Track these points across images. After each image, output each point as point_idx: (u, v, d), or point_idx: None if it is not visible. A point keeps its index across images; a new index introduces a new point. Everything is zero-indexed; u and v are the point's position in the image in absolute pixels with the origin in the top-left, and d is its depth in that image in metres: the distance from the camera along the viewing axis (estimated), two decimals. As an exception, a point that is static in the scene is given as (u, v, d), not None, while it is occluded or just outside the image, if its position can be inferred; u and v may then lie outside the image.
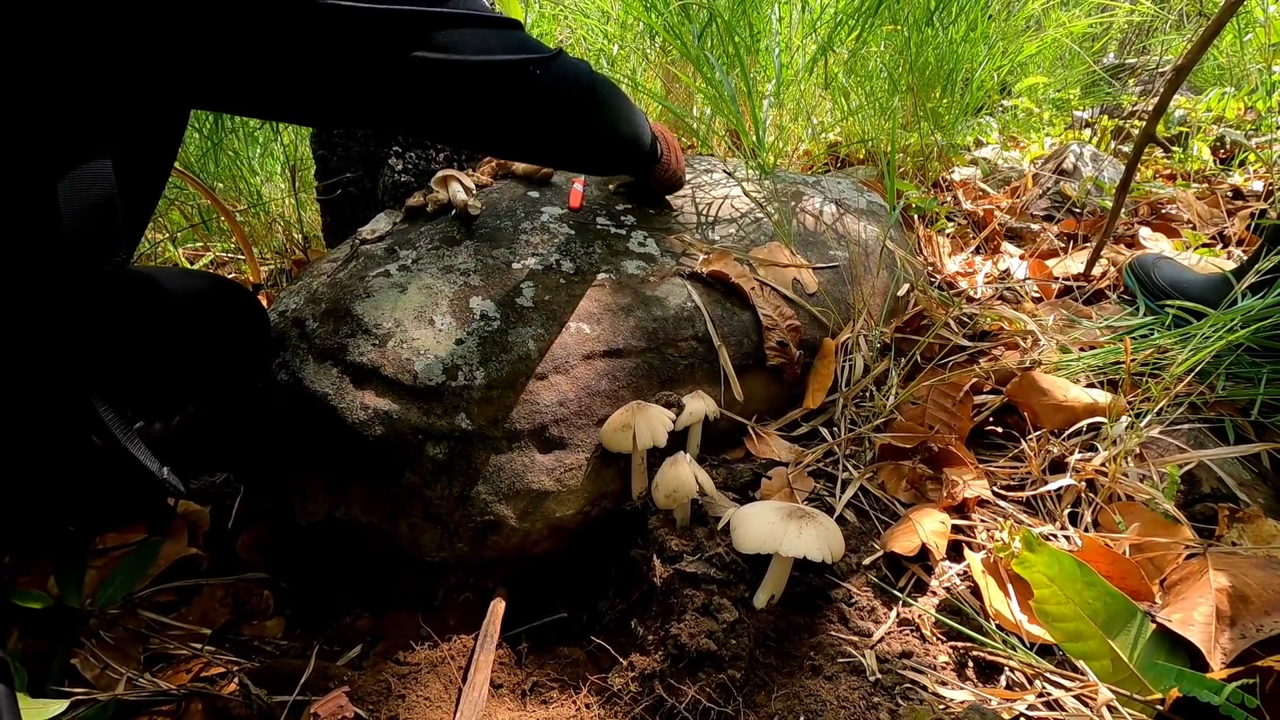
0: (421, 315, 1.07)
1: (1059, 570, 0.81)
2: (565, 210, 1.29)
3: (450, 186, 1.29)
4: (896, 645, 0.85)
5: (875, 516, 1.04)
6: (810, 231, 1.41)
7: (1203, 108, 2.64)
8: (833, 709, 0.77)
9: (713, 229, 1.34)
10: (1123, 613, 0.77)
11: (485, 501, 1.01)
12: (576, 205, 1.29)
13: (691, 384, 1.15)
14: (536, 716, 0.89)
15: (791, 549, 0.85)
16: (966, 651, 0.83)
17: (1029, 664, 0.78)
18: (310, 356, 1.06)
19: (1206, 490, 0.96)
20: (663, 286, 1.19)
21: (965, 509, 0.97)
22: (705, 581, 0.94)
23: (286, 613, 1.09)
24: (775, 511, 0.90)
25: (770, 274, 1.27)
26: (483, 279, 1.13)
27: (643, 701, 0.86)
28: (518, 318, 1.09)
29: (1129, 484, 0.96)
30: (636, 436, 1.03)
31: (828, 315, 1.27)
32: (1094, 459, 1.00)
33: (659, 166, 1.20)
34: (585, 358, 1.09)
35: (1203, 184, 2.12)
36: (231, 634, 1.04)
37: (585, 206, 1.30)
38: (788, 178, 1.58)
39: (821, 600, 0.93)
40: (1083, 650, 0.77)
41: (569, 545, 1.07)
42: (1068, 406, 1.04)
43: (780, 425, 1.23)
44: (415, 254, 1.17)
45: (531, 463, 1.03)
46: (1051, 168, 2.26)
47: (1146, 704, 0.69)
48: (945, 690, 0.77)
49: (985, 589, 0.86)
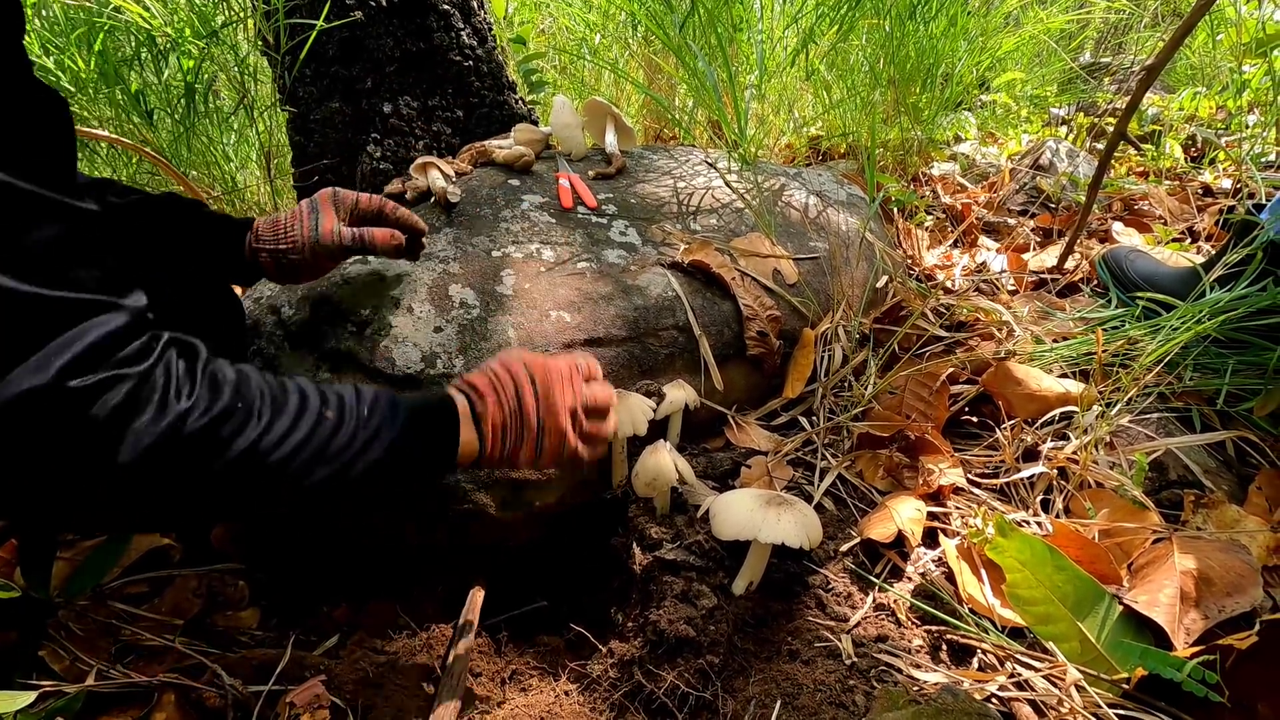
0: (400, 303, 1.06)
1: (1030, 555, 0.82)
2: (546, 199, 1.28)
3: (430, 173, 1.28)
4: (872, 630, 0.86)
5: (852, 504, 1.06)
6: (791, 223, 1.41)
7: (1175, 106, 2.69)
8: (809, 692, 0.78)
9: (694, 219, 1.34)
10: (1091, 595, 0.78)
11: (465, 491, 1.00)
12: (569, 205, 1.27)
13: (672, 373, 1.15)
14: (516, 704, 0.89)
15: (770, 535, 0.86)
16: (940, 635, 0.84)
17: (1001, 646, 0.80)
18: (286, 344, 1.04)
19: (1174, 477, 0.98)
20: (644, 276, 1.19)
21: (941, 496, 0.99)
22: (684, 569, 0.95)
23: (262, 603, 1.08)
24: (754, 499, 0.91)
25: (751, 264, 1.27)
26: (462, 266, 1.12)
27: (621, 687, 0.86)
28: (498, 305, 1.08)
29: (1099, 471, 0.99)
30: (618, 425, 1.03)
31: (808, 306, 1.28)
32: (1066, 447, 1.02)
33: (487, 458, 0.76)
34: (565, 346, 1.08)
35: (1174, 181, 2.17)
36: (205, 625, 1.02)
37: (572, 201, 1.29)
38: (769, 169, 1.59)
39: (799, 586, 0.94)
40: (1052, 632, 0.78)
41: (549, 534, 1.07)
42: (1040, 396, 1.06)
43: (760, 415, 1.24)
44: (394, 241, 1.16)
45: (511, 451, 1.02)
46: (1028, 163, 2.30)
47: (1113, 683, 0.71)
48: (919, 673, 0.79)
49: (959, 574, 0.87)
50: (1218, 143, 2.31)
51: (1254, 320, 1.10)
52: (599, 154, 1.48)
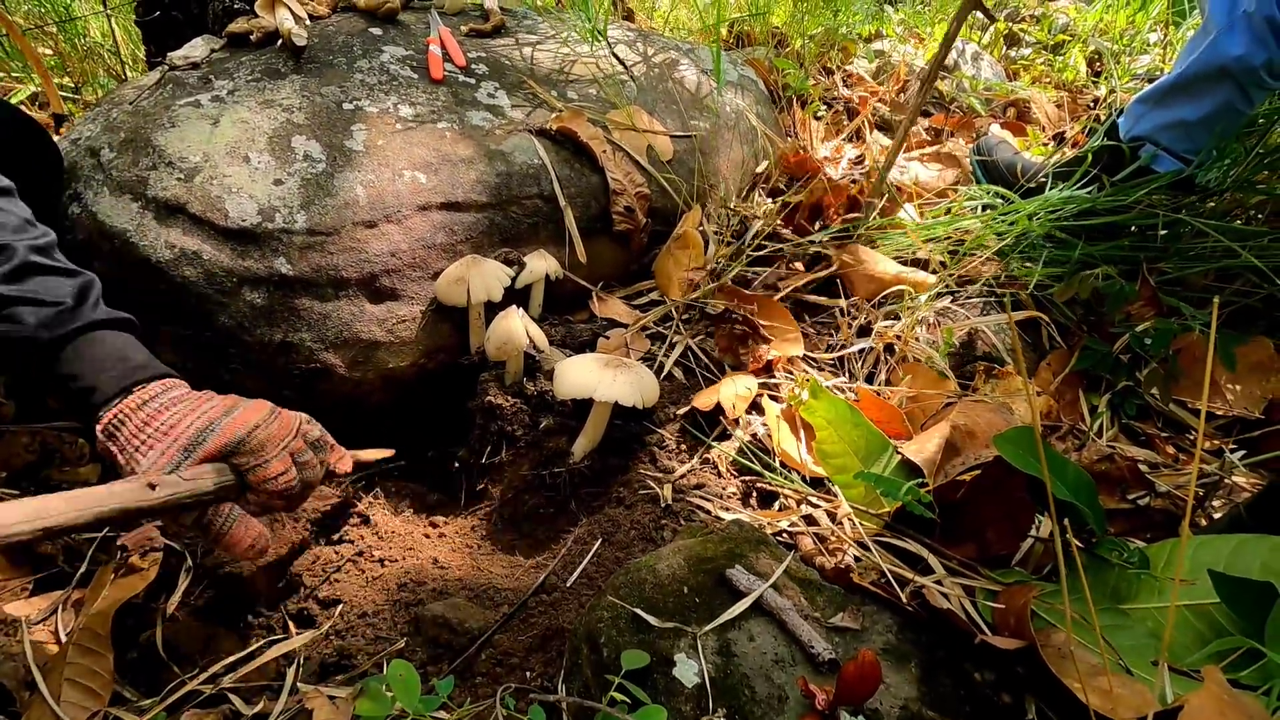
0: (235, 151, 0.99)
1: (835, 414, 0.91)
2: (410, 52, 1.20)
3: (278, 12, 1.16)
4: (694, 480, 0.94)
5: (700, 374, 1.12)
6: (674, 99, 1.38)
7: (1085, 18, 2.72)
8: (625, 530, 0.86)
9: (573, 87, 1.28)
10: (878, 448, 0.88)
11: (311, 349, 0.99)
12: (439, 77, 1.17)
13: (536, 243, 1.15)
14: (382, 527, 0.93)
15: (605, 394, 0.90)
16: (752, 484, 0.93)
17: (798, 491, 0.89)
18: (105, 189, 0.97)
19: (980, 353, 1.08)
20: (509, 141, 1.15)
21: (772, 368, 1.05)
22: (532, 428, 1.00)
23: (104, 461, 1.06)
24: (594, 361, 0.95)
25: (625, 138, 1.25)
26: (308, 117, 1.05)
27: (468, 535, 0.92)
28: (346, 161, 1.03)
29: (919, 348, 1.08)
30: (471, 290, 1.03)
31: (678, 187, 1.27)
32: (895, 326, 1.10)
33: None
34: (420, 208, 1.05)
35: (1065, 92, 2.24)
36: (41, 479, 1.00)
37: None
38: (661, 42, 1.53)
39: (637, 445, 1.00)
40: (844, 480, 0.88)
41: (405, 396, 1.09)
42: (878, 277, 1.13)
43: (625, 293, 1.26)
44: (232, 85, 1.07)
45: (361, 312, 1.01)
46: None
47: (877, 516, 0.81)
48: (725, 514, 0.87)
49: (776, 432, 0.95)
50: (1111, 55, 2.37)
51: (1079, 221, 1.19)
52: (476, 9, 1.38)
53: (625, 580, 0.70)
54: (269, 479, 0.70)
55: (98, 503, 0.62)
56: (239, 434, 0.69)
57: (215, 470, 0.69)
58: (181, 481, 0.66)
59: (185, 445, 0.68)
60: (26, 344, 0.69)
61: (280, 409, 0.74)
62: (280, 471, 0.71)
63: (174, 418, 0.69)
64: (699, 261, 1.23)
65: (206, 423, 0.69)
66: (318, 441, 0.78)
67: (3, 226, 0.72)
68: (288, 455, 0.72)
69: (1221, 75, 1.14)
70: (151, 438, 0.68)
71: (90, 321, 0.71)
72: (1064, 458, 0.73)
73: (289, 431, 0.73)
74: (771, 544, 0.76)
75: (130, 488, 0.64)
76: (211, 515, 0.70)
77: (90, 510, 0.62)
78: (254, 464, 0.69)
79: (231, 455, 0.69)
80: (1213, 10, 1.13)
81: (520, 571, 0.88)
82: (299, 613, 0.85)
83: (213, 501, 0.69)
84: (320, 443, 0.78)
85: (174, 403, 0.70)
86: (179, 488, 0.66)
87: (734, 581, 0.69)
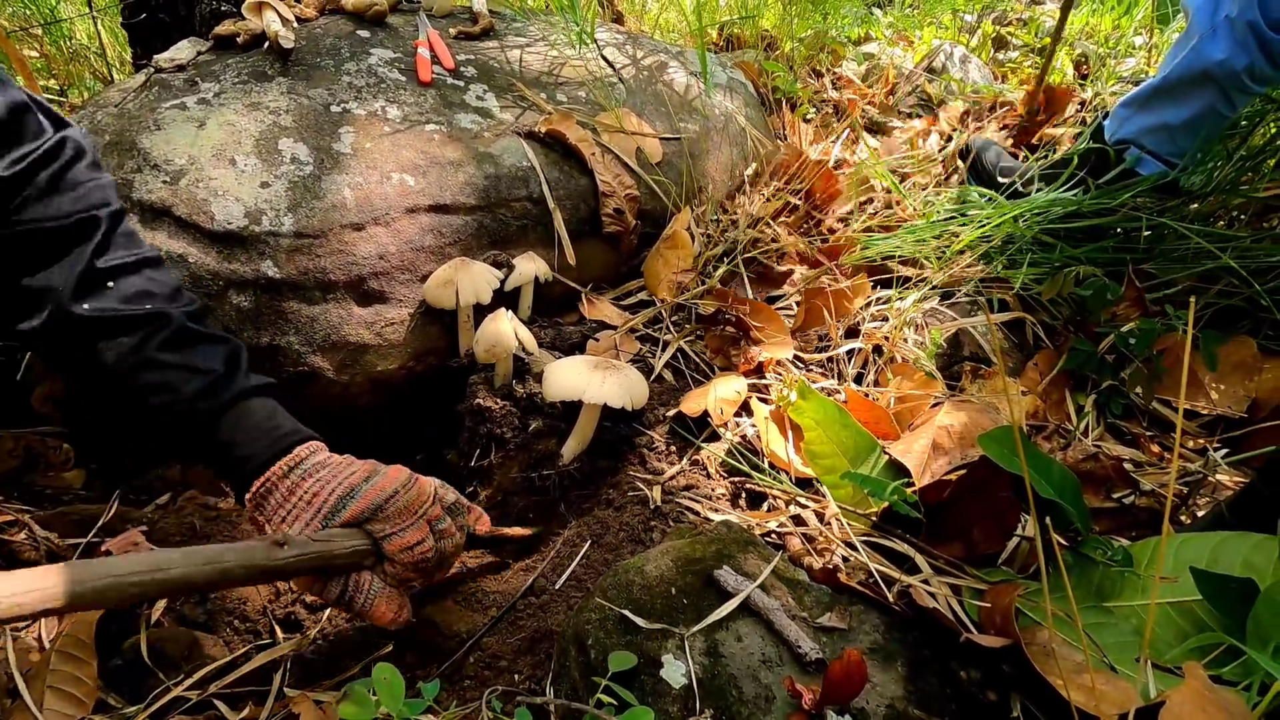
0: (221, 154, 0.99)
1: (824, 415, 0.91)
2: (398, 55, 1.19)
3: (265, 15, 1.16)
4: (683, 481, 0.94)
5: (690, 376, 1.12)
6: (663, 102, 1.39)
7: (1079, 22, 2.75)
8: (614, 532, 0.86)
9: (561, 90, 1.29)
10: (866, 448, 0.88)
11: (299, 352, 0.99)
12: (427, 80, 1.17)
13: (525, 246, 1.15)
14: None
15: (594, 396, 0.90)
16: (741, 485, 0.93)
17: (787, 492, 0.89)
18: (90, 192, 0.96)
19: (966, 354, 1.09)
20: (498, 143, 1.15)
21: (762, 370, 1.06)
22: (521, 431, 0.99)
23: (91, 466, 1.05)
24: (584, 363, 0.95)
25: (614, 140, 1.25)
26: (295, 120, 1.05)
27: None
28: (334, 164, 1.03)
29: (907, 349, 1.08)
30: (459, 293, 1.03)
31: (668, 190, 1.28)
32: (883, 328, 1.11)
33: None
34: (409, 211, 1.05)
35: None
36: (25, 484, 0.99)
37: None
38: (651, 45, 1.53)
39: (626, 447, 1.00)
40: (832, 480, 0.88)
41: (394, 399, 1.08)
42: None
43: (615, 295, 1.26)
44: (218, 87, 1.06)
45: (349, 315, 1.01)
46: (924, 66, 2.32)
47: (865, 516, 0.82)
48: (714, 515, 0.87)
49: (765, 434, 0.95)
50: (1098, 58, 2.39)
51: (1065, 223, 1.20)
52: (465, 12, 1.38)
53: (613, 582, 0.70)
54: (405, 548, 0.70)
55: (217, 557, 0.61)
56: (376, 500, 0.70)
57: (347, 534, 0.68)
58: (311, 542, 0.66)
59: (327, 514, 0.69)
60: (185, 414, 0.70)
61: (417, 475, 0.75)
62: (417, 540, 0.71)
63: (317, 485, 0.70)
64: (689, 263, 1.24)
65: (348, 489, 0.70)
66: (454, 505, 0.78)
67: (158, 295, 0.72)
68: (424, 523, 0.73)
69: (1204, 79, 1.15)
70: (296, 507, 0.69)
71: (243, 389, 0.72)
72: (1049, 457, 0.74)
73: (426, 498, 0.73)
74: (760, 545, 0.76)
75: (257, 545, 0.64)
76: (354, 591, 0.70)
77: (214, 566, 0.60)
78: (390, 531, 0.70)
79: (368, 522, 0.70)
80: (1196, 15, 1.15)
81: (509, 574, 0.88)
82: (285, 618, 0.85)
83: (345, 568, 0.69)
84: (456, 506, 0.79)
85: (317, 469, 0.71)
86: (308, 548, 0.65)
87: (722, 582, 0.69)
